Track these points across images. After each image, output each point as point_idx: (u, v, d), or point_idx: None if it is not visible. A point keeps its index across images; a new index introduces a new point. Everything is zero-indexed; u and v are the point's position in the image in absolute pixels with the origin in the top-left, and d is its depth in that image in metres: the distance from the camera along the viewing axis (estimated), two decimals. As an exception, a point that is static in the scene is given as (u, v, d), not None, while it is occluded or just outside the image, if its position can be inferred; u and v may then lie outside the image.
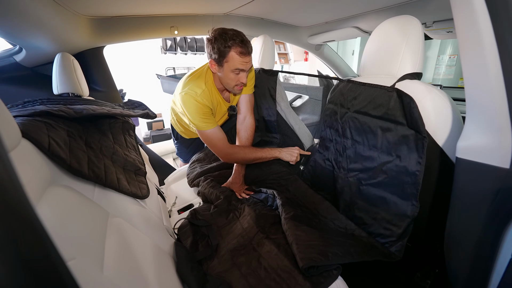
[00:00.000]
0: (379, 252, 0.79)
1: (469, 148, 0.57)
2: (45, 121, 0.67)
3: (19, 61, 1.44)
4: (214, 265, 0.80)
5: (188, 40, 3.61)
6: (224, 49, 1.00)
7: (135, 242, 0.67)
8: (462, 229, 0.63)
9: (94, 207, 0.64)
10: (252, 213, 0.98)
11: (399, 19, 0.81)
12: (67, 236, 0.46)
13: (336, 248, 0.76)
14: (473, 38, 0.50)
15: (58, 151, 0.61)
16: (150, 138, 3.43)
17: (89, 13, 1.39)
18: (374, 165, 0.86)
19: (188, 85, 1.12)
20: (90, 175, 0.68)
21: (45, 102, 0.86)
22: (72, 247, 0.45)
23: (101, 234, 0.59)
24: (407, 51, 0.77)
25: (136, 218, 0.78)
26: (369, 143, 0.87)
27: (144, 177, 0.99)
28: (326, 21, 1.88)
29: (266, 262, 0.77)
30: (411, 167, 0.74)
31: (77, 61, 1.37)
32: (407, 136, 0.75)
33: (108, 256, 0.55)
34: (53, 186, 0.56)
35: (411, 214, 0.76)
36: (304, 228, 0.83)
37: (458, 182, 0.62)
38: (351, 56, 4.67)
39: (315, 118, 2.27)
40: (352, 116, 0.92)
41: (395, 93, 0.76)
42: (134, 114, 1.06)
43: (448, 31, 1.36)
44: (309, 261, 0.70)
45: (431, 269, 0.84)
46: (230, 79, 1.09)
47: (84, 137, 0.79)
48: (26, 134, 0.56)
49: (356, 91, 0.90)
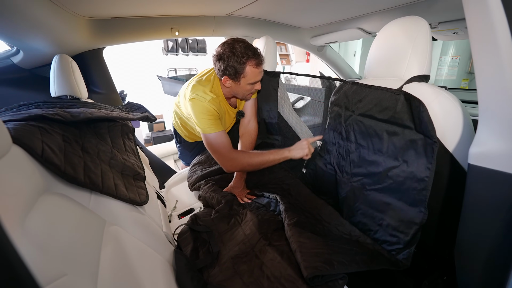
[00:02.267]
0: (386, 260, 0.77)
1: (483, 154, 0.54)
2: (39, 125, 0.64)
3: (16, 62, 1.42)
4: (215, 274, 0.78)
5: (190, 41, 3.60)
6: (240, 66, 1.00)
7: (133, 250, 0.65)
8: (475, 238, 0.61)
9: (89, 215, 0.62)
10: (255, 218, 0.95)
11: (406, 19, 0.79)
12: (59, 249, 0.44)
13: (341, 256, 0.73)
14: (486, 38, 0.48)
15: (52, 158, 0.58)
16: (151, 139, 3.41)
17: (88, 14, 1.37)
18: (379, 170, 0.83)
19: (197, 91, 1.11)
20: (86, 181, 0.66)
21: (41, 105, 0.83)
22: (64, 262, 0.42)
23: (97, 244, 0.57)
24: (414, 53, 0.75)
25: (134, 225, 0.76)
26: (374, 147, 0.84)
27: (143, 182, 0.97)
28: (328, 22, 1.86)
29: (269, 270, 0.75)
30: (420, 173, 0.72)
31: (76, 62, 1.35)
32: (415, 141, 0.72)
33: (104, 269, 0.52)
34: (46, 195, 0.53)
35: (419, 221, 0.73)
36: (308, 235, 0.81)
37: (471, 190, 0.59)
38: (353, 57, 4.65)
39: (317, 120, 2.24)
40: (356, 119, 0.89)
41: (402, 96, 0.74)
42: (133, 117, 1.04)
43: (453, 32, 1.34)
44: (314, 270, 0.68)
45: (439, 277, 0.81)
46: (246, 90, 1.10)
47: (80, 141, 0.77)
48: (18, 140, 0.54)
49: (361, 94, 0.88)
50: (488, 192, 0.55)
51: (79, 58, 1.50)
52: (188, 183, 1.36)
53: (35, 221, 0.45)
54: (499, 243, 0.54)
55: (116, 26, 1.52)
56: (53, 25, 1.25)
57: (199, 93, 1.10)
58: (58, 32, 1.31)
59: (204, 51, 3.71)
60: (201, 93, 1.10)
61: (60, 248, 0.45)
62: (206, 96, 1.10)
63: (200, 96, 1.10)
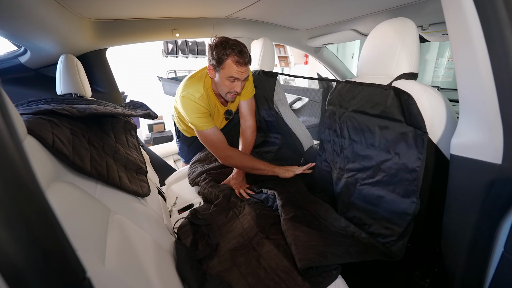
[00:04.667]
0: (380, 252, 0.79)
1: (463, 144, 0.58)
2: (49, 119, 0.69)
3: (23, 62, 1.47)
4: (214, 265, 0.80)
5: (190, 43, 3.64)
6: (222, 56, 1.03)
7: (136, 238, 0.68)
8: (457, 226, 0.64)
9: (96, 204, 0.65)
10: (253, 212, 0.98)
11: (395, 21, 0.83)
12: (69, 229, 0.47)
13: (335, 248, 0.76)
14: (463, 38, 0.52)
15: (61, 148, 0.62)
16: (151, 140, 3.43)
17: (93, 15, 1.42)
18: (372, 164, 0.86)
19: (187, 88, 1.15)
20: (93, 172, 0.70)
21: (49, 101, 0.88)
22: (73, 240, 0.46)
23: (103, 229, 0.60)
24: (403, 52, 0.79)
25: (137, 215, 0.79)
26: (367, 141, 0.87)
27: (145, 176, 1.01)
28: (325, 24, 1.91)
29: (266, 262, 0.78)
30: (411, 163, 0.74)
31: (81, 62, 1.39)
32: (405, 133, 0.75)
33: (110, 251, 0.56)
34: (57, 182, 0.57)
35: (412, 212, 0.75)
36: (303, 229, 0.83)
37: (453, 179, 0.63)
38: (351, 60, 4.70)
39: (315, 120, 2.28)
40: (349, 116, 0.92)
41: (392, 91, 0.77)
42: (135, 114, 1.08)
43: (444, 34, 1.38)
44: (308, 262, 0.70)
45: (430, 268, 0.84)
46: (224, 86, 1.11)
47: (87, 135, 0.81)
48: (31, 131, 0.58)
49: (354, 91, 0.91)
50: (467, 181, 0.59)
51: (83, 58, 1.54)
52: (189, 179, 1.39)
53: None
54: (478, 229, 0.58)
55: (119, 28, 1.56)
56: (59, 26, 1.29)
57: (189, 91, 1.14)
58: (64, 32, 1.35)
59: (204, 53, 3.75)
60: (191, 91, 1.14)
61: (70, 228, 0.48)
62: (196, 93, 1.14)
63: (190, 94, 1.13)
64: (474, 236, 0.59)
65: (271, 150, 1.48)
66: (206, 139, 1.18)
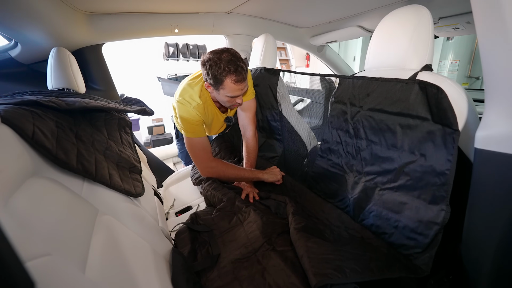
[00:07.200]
0: (403, 266, 0.70)
1: (490, 137, 0.52)
2: (32, 110, 0.63)
3: (14, 56, 1.41)
4: (214, 278, 0.73)
5: (191, 47, 3.61)
6: (220, 77, 0.98)
7: (125, 241, 0.62)
8: (484, 229, 0.58)
9: (81, 202, 0.60)
10: (259, 220, 0.89)
11: (408, 8, 0.78)
12: (43, 231, 0.41)
13: (353, 263, 0.67)
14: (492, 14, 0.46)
15: (42, 141, 0.56)
16: (151, 142, 3.40)
17: (88, 8, 1.37)
18: (394, 166, 0.78)
19: (185, 94, 1.12)
20: (79, 168, 0.64)
21: (35, 93, 0.82)
22: (48, 243, 0.40)
23: (87, 231, 0.54)
24: (418, 41, 0.73)
25: (128, 216, 0.73)
26: (387, 142, 0.79)
27: (139, 175, 0.94)
28: (328, 20, 1.86)
29: (271, 277, 0.70)
30: (439, 166, 0.66)
31: (75, 58, 1.34)
32: (432, 132, 0.67)
33: (93, 256, 0.50)
34: (35, 178, 0.51)
35: (440, 221, 0.66)
36: (315, 240, 0.75)
37: (478, 176, 0.57)
38: (352, 62, 4.68)
39: (317, 122, 2.23)
40: (366, 115, 0.85)
41: (416, 85, 0.70)
42: (130, 109, 1.02)
43: (454, 28, 1.32)
44: (324, 278, 0.61)
45: (445, 276, 0.77)
46: (226, 101, 1.08)
47: (74, 129, 0.75)
48: (7, 120, 0.52)
49: (369, 88, 0.84)
50: (496, 178, 0.53)
51: (78, 53, 1.49)
52: (191, 179, 1.34)
53: (19, 201, 0.42)
54: (509, 232, 0.52)
55: (115, 22, 1.51)
56: (52, 18, 1.24)
57: (185, 97, 1.11)
58: (57, 25, 1.30)
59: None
60: (188, 98, 1.10)
61: (45, 229, 0.42)
62: (192, 102, 1.10)
63: (186, 100, 1.10)
64: (504, 242, 0.53)
65: (276, 155, 1.43)
66: (192, 148, 1.14)
